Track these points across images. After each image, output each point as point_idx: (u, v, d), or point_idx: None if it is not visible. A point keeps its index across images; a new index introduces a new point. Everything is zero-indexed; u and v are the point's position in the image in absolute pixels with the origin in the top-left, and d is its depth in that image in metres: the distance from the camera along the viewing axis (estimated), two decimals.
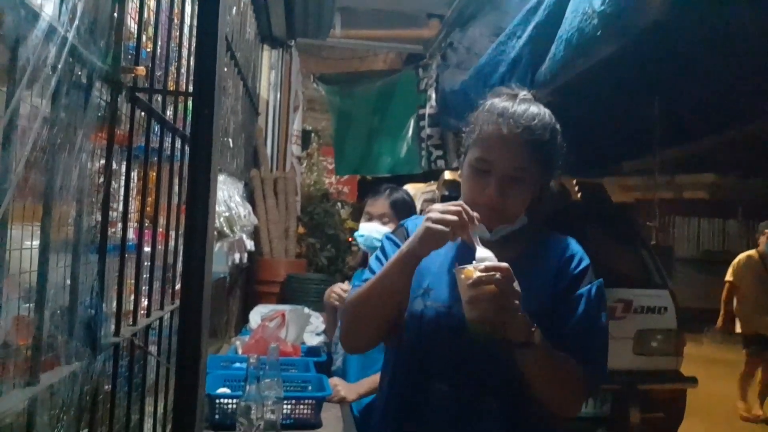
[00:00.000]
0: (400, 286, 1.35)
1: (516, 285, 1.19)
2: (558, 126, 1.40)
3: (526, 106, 1.36)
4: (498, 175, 1.33)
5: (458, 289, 1.24)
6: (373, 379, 2.35)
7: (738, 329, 5.93)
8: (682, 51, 3.51)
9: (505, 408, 1.35)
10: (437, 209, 1.26)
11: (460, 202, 1.29)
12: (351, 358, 2.46)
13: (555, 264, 1.41)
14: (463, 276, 1.21)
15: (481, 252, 1.24)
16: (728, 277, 6.01)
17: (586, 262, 1.42)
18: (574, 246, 1.45)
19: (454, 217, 1.24)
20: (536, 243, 1.44)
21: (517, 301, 1.19)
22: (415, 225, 1.51)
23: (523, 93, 1.42)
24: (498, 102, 1.39)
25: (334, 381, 2.38)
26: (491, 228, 1.35)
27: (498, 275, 1.17)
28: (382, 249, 1.51)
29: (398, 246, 1.48)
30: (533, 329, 1.23)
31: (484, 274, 1.17)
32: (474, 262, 1.23)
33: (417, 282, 1.41)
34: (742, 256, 6.08)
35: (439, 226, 1.24)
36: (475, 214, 1.27)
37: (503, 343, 1.23)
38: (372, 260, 1.52)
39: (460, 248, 1.42)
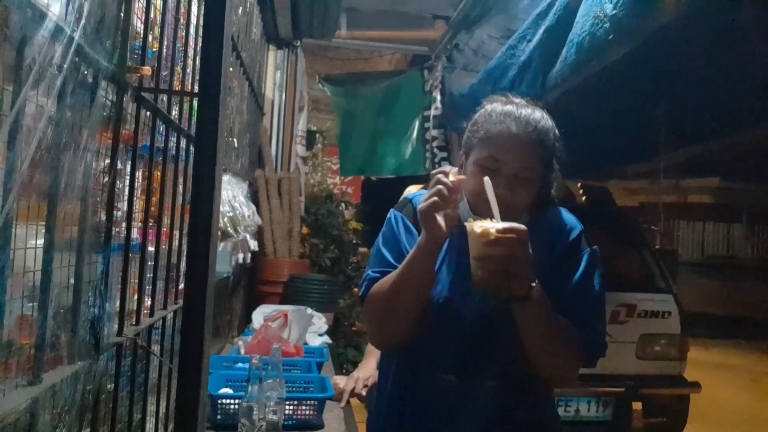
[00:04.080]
0: (427, 277, 1.35)
1: (529, 248, 1.18)
2: (556, 130, 1.42)
3: (530, 110, 1.40)
4: (507, 173, 1.35)
5: (469, 245, 1.21)
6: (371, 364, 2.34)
7: None
8: (690, 55, 3.51)
9: (509, 396, 1.37)
10: (423, 197, 1.29)
11: (440, 178, 1.29)
12: None
13: (548, 235, 1.42)
14: (477, 231, 1.18)
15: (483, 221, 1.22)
16: None
17: (578, 229, 1.44)
18: (566, 215, 1.47)
19: (438, 194, 1.26)
20: (531, 218, 1.44)
21: (529, 265, 1.19)
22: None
23: (518, 100, 1.44)
24: (501, 105, 1.42)
25: (336, 379, 2.38)
26: None
27: (515, 237, 1.16)
28: (390, 227, 1.49)
29: (404, 222, 1.47)
30: (533, 284, 1.23)
31: (502, 235, 1.15)
32: (475, 222, 1.20)
33: None
34: None
35: (432, 203, 1.26)
36: (452, 178, 1.28)
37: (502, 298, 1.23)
38: (379, 240, 1.50)
39: (459, 239, 1.42)
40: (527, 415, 1.40)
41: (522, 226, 1.18)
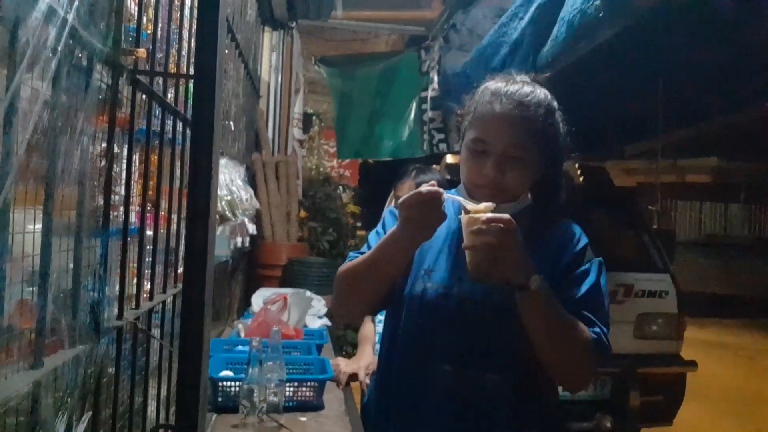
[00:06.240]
0: (393, 268, 1.36)
1: (519, 235, 1.20)
2: (555, 104, 1.40)
3: (519, 85, 1.38)
4: (495, 154, 1.34)
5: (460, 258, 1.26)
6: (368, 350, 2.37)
7: None
8: (685, 33, 3.48)
9: (507, 387, 1.35)
10: (404, 203, 1.24)
11: (420, 189, 1.24)
12: None
13: (554, 246, 1.41)
14: (466, 221, 1.23)
15: (472, 205, 1.25)
16: None
17: (584, 241, 1.43)
18: (573, 228, 1.46)
19: (424, 205, 1.22)
20: (538, 226, 1.43)
21: (518, 252, 1.20)
22: None
23: (521, 77, 1.43)
24: (493, 84, 1.42)
25: (336, 360, 2.40)
26: None
27: (501, 226, 1.18)
28: (383, 224, 1.51)
29: (396, 219, 1.47)
30: (533, 275, 1.22)
31: (487, 225, 1.19)
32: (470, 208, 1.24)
33: (418, 262, 1.43)
34: None
35: (414, 217, 1.24)
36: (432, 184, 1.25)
37: (502, 286, 1.25)
38: (372, 234, 1.52)
39: (459, 229, 1.42)
40: (524, 413, 1.37)
41: (507, 216, 1.20)
